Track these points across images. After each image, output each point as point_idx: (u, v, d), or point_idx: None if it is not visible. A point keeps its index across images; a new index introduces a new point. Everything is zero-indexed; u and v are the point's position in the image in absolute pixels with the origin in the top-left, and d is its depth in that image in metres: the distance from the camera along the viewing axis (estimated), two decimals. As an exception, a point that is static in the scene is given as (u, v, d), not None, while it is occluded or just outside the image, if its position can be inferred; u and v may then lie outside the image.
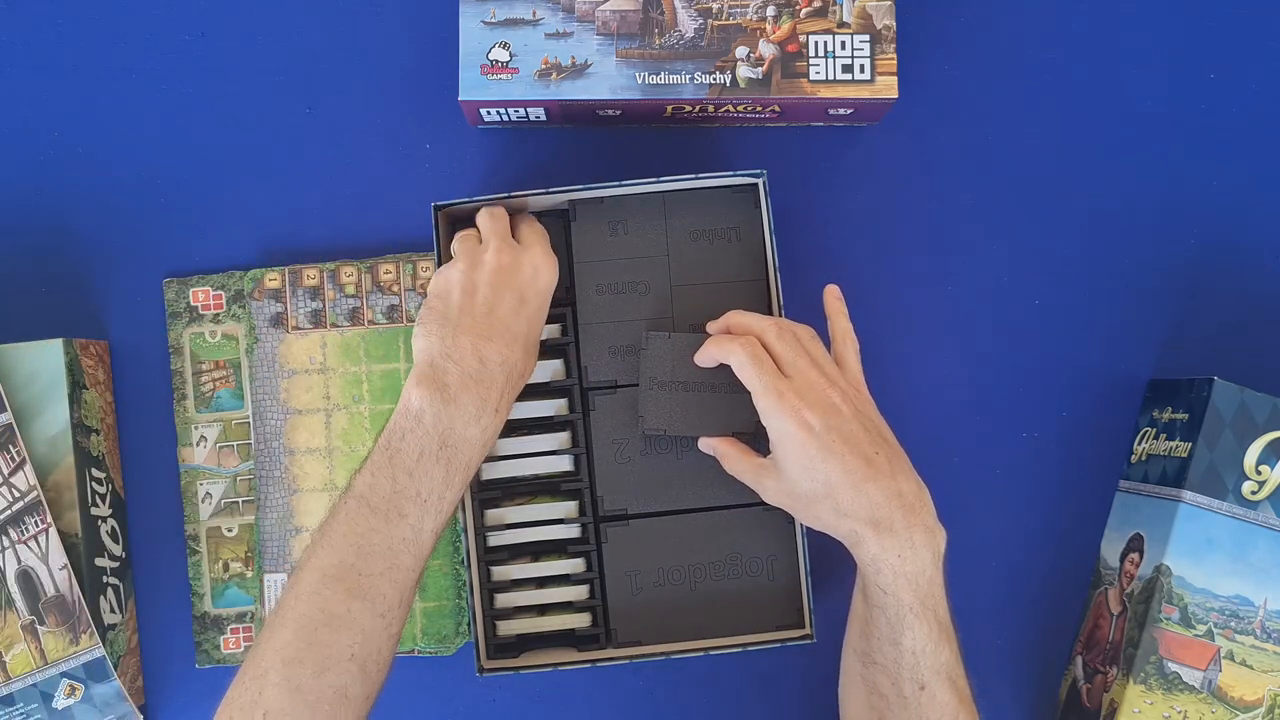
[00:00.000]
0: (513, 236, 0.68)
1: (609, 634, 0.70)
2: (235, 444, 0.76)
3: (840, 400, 0.62)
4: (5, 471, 0.71)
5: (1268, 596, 0.69)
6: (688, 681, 0.76)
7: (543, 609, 0.72)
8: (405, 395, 0.62)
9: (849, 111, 0.74)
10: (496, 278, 0.64)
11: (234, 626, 0.75)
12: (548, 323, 0.71)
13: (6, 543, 0.70)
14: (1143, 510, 0.73)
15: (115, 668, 0.71)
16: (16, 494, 0.70)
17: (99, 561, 0.73)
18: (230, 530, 0.76)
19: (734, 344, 0.64)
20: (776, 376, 0.62)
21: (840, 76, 0.71)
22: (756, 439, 0.67)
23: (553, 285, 0.67)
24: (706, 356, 0.66)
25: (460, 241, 0.67)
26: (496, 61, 0.71)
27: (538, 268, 0.66)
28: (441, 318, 0.63)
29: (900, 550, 0.59)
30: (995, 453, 0.77)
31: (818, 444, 0.60)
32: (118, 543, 0.75)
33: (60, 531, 0.70)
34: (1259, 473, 0.69)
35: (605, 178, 0.70)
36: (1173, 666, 0.69)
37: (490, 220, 0.68)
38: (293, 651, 0.57)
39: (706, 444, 0.68)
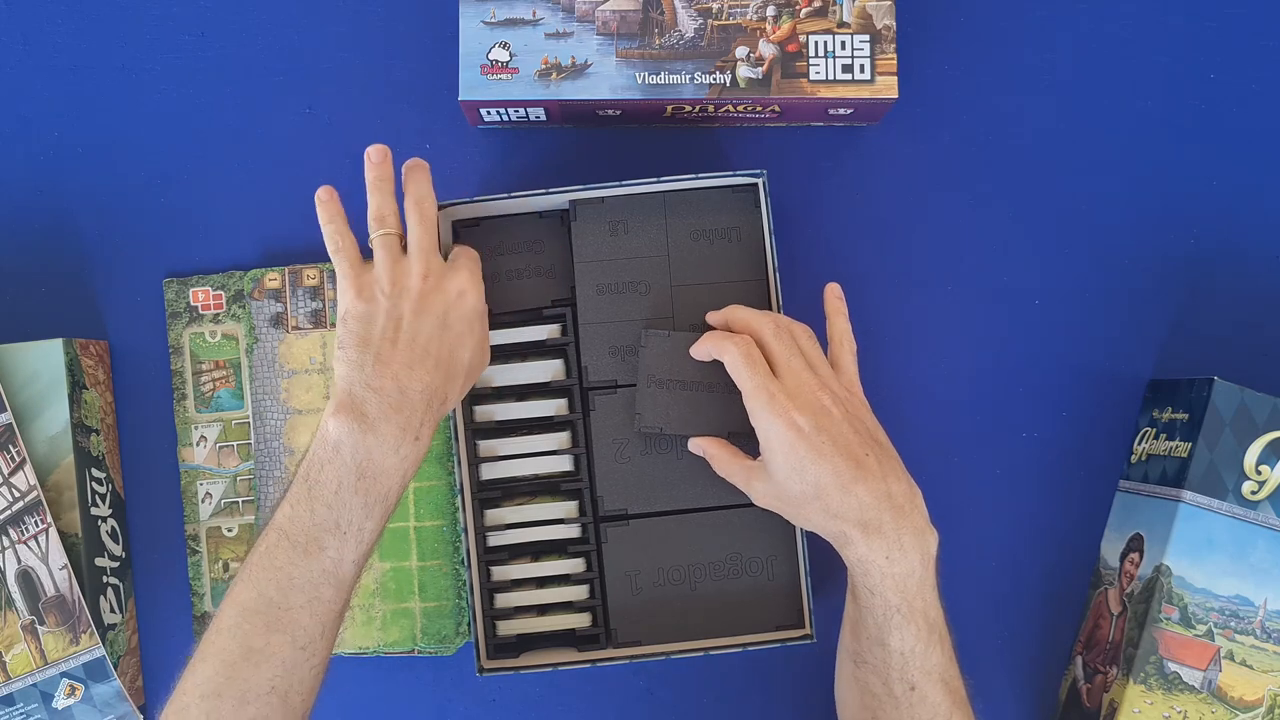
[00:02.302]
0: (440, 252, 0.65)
1: (609, 634, 0.70)
2: (235, 444, 0.76)
3: (831, 402, 0.61)
4: (5, 471, 0.71)
5: (1268, 596, 0.69)
6: (688, 681, 0.76)
7: (543, 609, 0.72)
8: (323, 424, 0.60)
9: (849, 111, 0.74)
10: (420, 303, 0.62)
11: (234, 626, 0.75)
12: (546, 323, 0.71)
13: (6, 543, 0.70)
14: (1143, 510, 0.73)
15: (115, 668, 0.71)
16: (16, 494, 0.70)
17: (99, 561, 0.73)
18: (230, 530, 0.76)
19: (728, 342, 0.63)
20: (768, 377, 0.62)
21: (840, 76, 0.71)
22: (752, 439, 0.67)
23: (479, 309, 0.65)
24: (701, 351, 0.66)
25: (383, 248, 0.63)
26: (496, 61, 0.71)
27: (463, 291, 0.64)
28: (362, 343, 0.61)
29: (888, 551, 0.59)
30: (995, 453, 0.77)
31: (806, 445, 0.60)
32: (118, 543, 0.75)
33: (60, 531, 0.70)
34: (1259, 473, 0.69)
35: (605, 178, 0.70)
36: (1173, 666, 0.69)
37: (419, 227, 0.64)
38: (211, 686, 0.57)
39: (696, 445, 0.68)
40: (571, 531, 0.71)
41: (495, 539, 0.71)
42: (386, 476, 0.59)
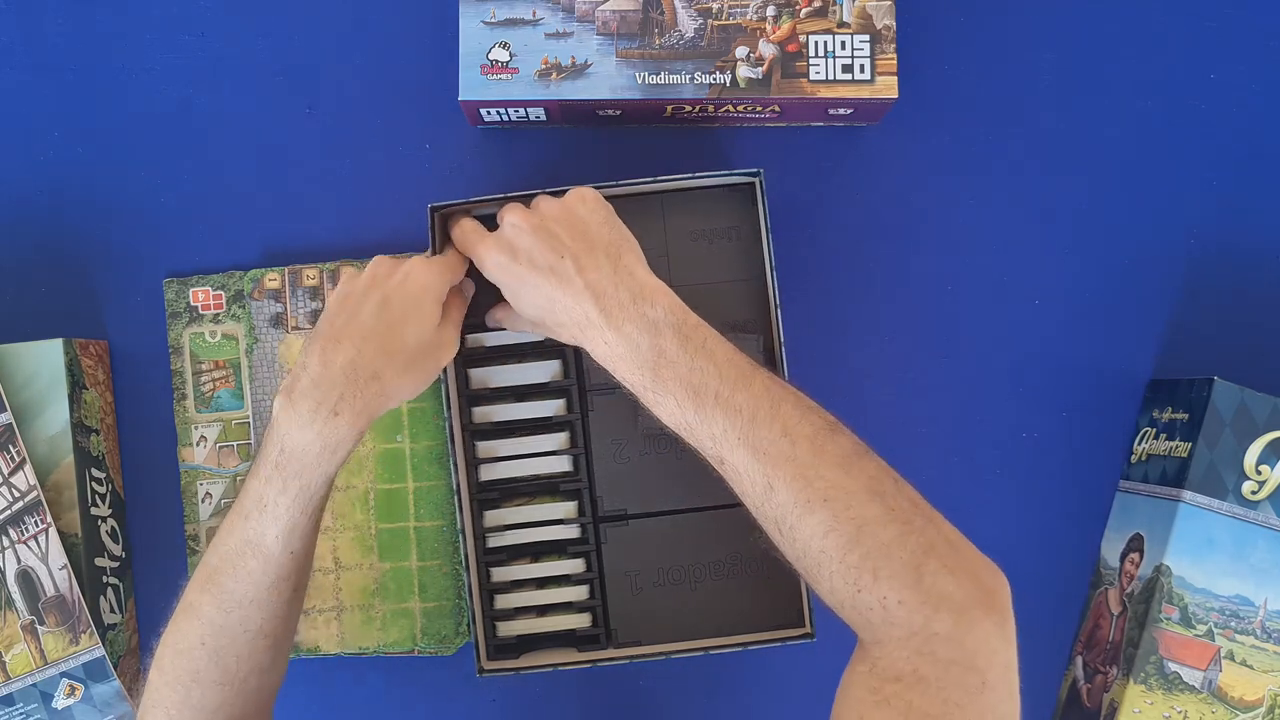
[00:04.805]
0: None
1: (609, 634, 0.70)
2: (235, 444, 0.76)
3: (520, 219, 0.63)
4: (5, 471, 0.71)
5: (1268, 596, 0.69)
6: (688, 681, 0.76)
7: (543, 609, 0.72)
8: None
9: (849, 111, 0.74)
10: (366, 290, 0.63)
11: (234, 626, 0.75)
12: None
13: (6, 543, 0.70)
14: (1143, 510, 0.73)
15: (115, 668, 0.71)
16: (16, 494, 0.70)
17: (99, 561, 0.73)
18: (230, 530, 0.76)
19: (480, 246, 0.65)
20: (480, 235, 0.65)
21: (840, 76, 0.71)
22: None
23: (427, 288, 0.64)
24: (460, 241, 0.67)
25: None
26: (496, 61, 0.71)
27: (409, 273, 0.64)
28: (314, 330, 0.63)
29: (605, 338, 0.60)
30: (995, 453, 0.77)
31: (510, 276, 0.63)
32: (118, 543, 0.75)
33: (60, 531, 0.70)
34: (1259, 473, 0.69)
35: (605, 178, 0.70)
36: (1173, 666, 0.69)
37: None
38: (163, 635, 0.63)
39: (491, 317, 0.70)
40: (571, 532, 0.71)
41: (495, 540, 0.71)
42: (302, 453, 0.59)
